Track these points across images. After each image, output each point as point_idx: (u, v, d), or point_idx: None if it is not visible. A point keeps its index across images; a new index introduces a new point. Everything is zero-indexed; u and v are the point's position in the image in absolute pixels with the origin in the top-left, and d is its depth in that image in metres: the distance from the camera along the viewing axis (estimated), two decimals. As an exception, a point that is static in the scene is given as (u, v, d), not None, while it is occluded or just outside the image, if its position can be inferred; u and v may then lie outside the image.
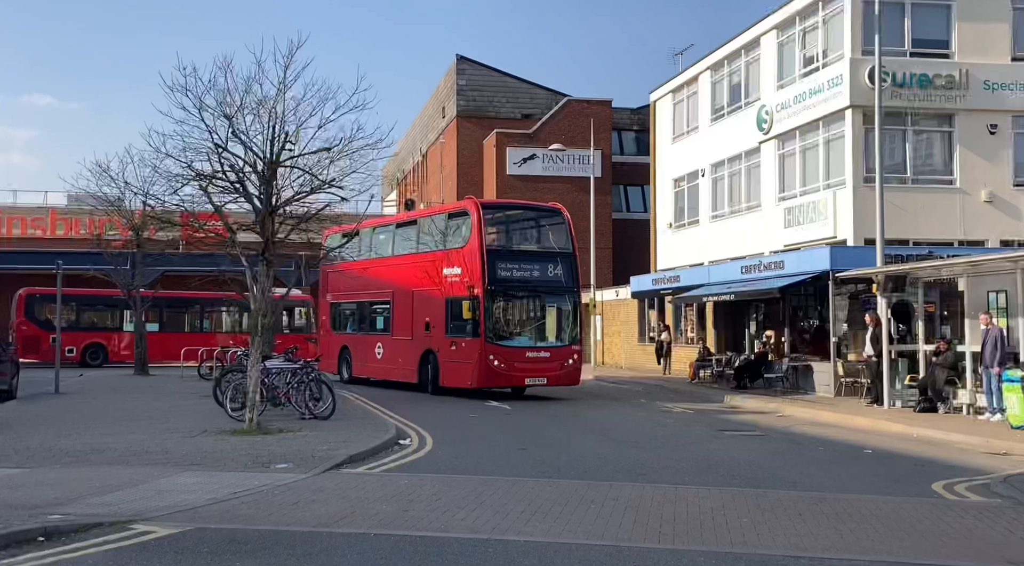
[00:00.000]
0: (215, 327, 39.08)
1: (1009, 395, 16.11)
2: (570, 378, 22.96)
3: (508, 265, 22.54)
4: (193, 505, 9.04)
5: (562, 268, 23.18)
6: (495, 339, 21.75)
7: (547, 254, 23.91)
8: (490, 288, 21.66)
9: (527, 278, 22.90)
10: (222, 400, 16.92)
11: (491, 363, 21.43)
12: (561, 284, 23.14)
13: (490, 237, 23.15)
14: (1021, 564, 7.40)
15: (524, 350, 22.30)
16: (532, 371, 22.11)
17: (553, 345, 22.99)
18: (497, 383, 22.12)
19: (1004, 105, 25.75)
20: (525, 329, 23.28)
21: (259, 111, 15.61)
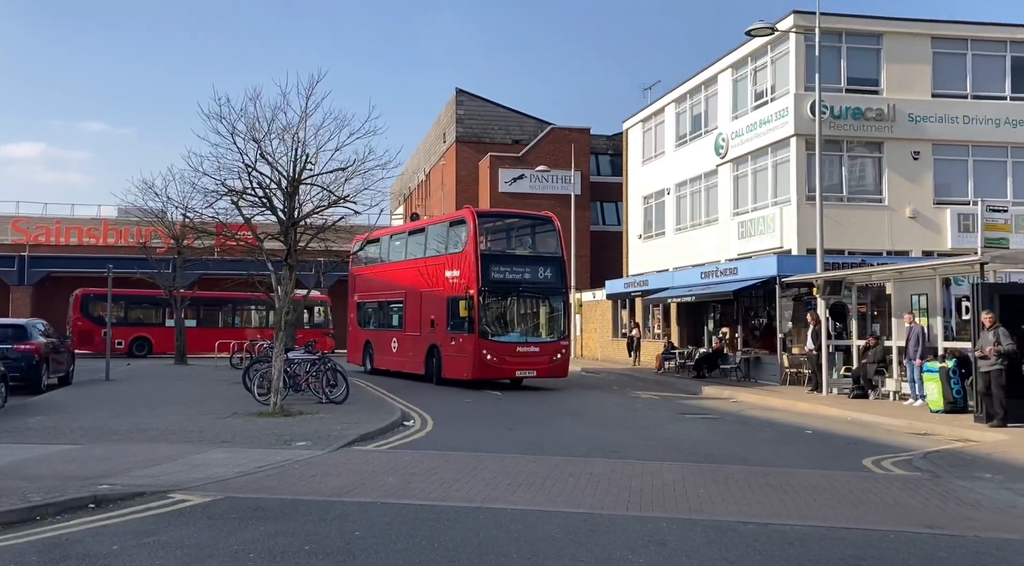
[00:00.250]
0: (245, 323, 38.85)
1: (929, 384, 16.13)
2: (558, 370, 22.23)
3: (501, 268, 21.72)
4: (223, 477, 9.00)
5: (552, 271, 22.36)
6: (488, 335, 21.10)
7: (538, 258, 22.83)
8: (483, 289, 20.99)
9: (519, 280, 21.90)
10: (250, 386, 16.80)
11: (484, 357, 20.82)
12: (551, 285, 22.28)
13: (485, 243, 22.42)
14: (937, 527, 7.40)
15: (515, 345, 21.51)
16: (523, 364, 21.48)
17: (542, 340, 22.13)
18: (491, 375, 21.35)
19: (926, 135, 25.81)
20: (517, 326, 22.32)
21: (284, 136, 15.54)
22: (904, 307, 18.29)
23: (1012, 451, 11.73)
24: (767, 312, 26.29)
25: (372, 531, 6.90)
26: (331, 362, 17.30)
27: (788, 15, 25.10)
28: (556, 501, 8.14)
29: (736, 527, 7.24)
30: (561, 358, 22.08)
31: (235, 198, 15.20)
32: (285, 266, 15.18)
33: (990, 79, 26.61)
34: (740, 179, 28.47)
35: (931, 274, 17.65)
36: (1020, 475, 9.97)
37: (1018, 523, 7.70)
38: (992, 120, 26.10)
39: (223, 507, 7.71)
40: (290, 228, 14.97)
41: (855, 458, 11.39)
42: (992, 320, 14.01)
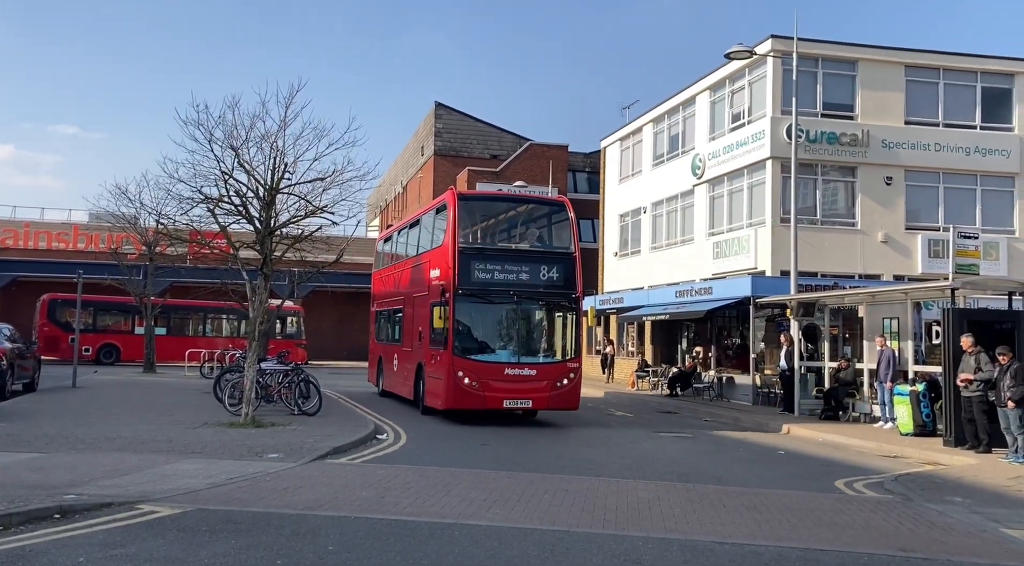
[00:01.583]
0: (216, 332, 38.44)
1: (899, 406, 16.30)
2: (563, 401, 17.04)
3: (488, 266, 16.96)
4: (194, 488, 8.84)
5: (559, 271, 17.33)
6: (466, 352, 16.55)
7: (541, 255, 17.93)
8: (460, 291, 16.42)
9: (512, 281, 16.97)
10: (221, 396, 16.61)
11: (460, 381, 16.22)
12: (556, 289, 17.29)
13: (469, 233, 18.16)
14: (910, 551, 7.44)
15: (502, 366, 16.56)
16: (513, 392, 16.54)
17: (541, 361, 17.10)
18: (469, 404, 16.48)
19: (899, 161, 26.22)
20: (507, 341, 17.23)
21: (262, 144, 15.44)
22: (876, 330, 18.50)
23: (981, 475, 11.87)
24: (740, 332, 26.49)
25: (345, 546, 6.80)
26: (304, 373, 17.13)
27: (766, 39, 25.44)
28: (531, 518, 8.08)
29: (712, 547, 7.23)
30: (568, 385, 17.03)
31: (211, 206, 15.02)
32: (260, 275, 15.02)
33: (961, 108, 27.11)
34: (716, 199, 28.70)
35: (903, 298, 17.88)
36: (989, 500, 10.08)
37: (988, 547, 7.76)
38: (963, 148, 26.58)
39: (193, 519, 7.56)
40: (267, 237, 14.83)
41: (827, 479, 11.45)
42: (972, 345, 14.13)
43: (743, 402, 23.31)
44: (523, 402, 16.73)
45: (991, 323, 15.15)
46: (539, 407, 17.03)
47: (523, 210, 19.59)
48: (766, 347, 24.29)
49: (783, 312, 21.90)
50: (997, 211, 26.97)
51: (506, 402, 16.55)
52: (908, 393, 16.10)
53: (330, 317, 44.58)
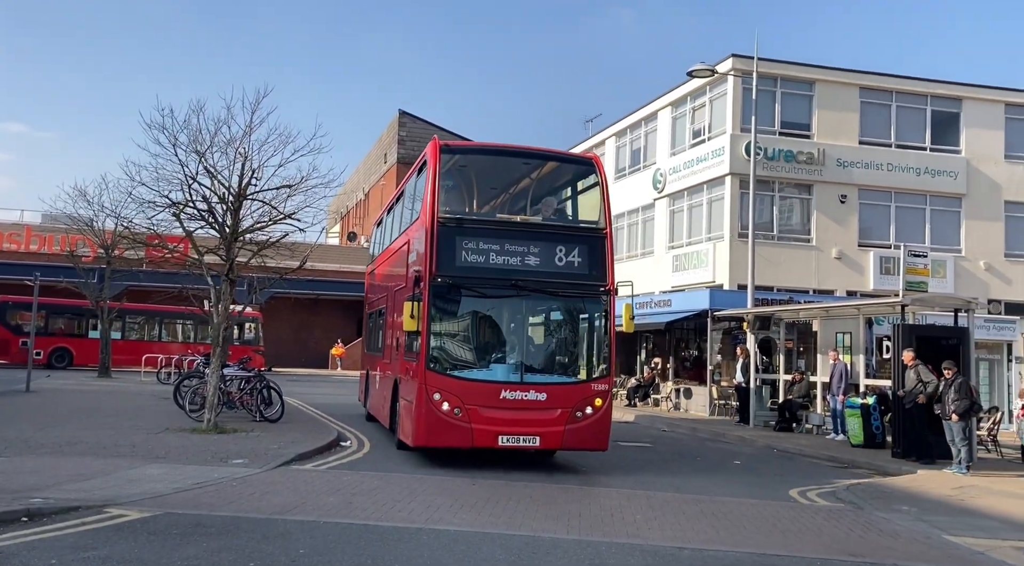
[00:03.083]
0: (172, 337, 37.95)
1: (851, 419, 16.81)
2: (584, 438, 11.88)
3: (481, 245, 11.98)
4: (160, 493, 8.86)
5: (583, 254, 12.34)
6: (444, 365, 11.68)
7: (559, 231, 12.69)
8: (438, 280, 11.58)
9: (515, 267, 11.94)
10: (182, 402, 16.52)
11: (436, 406, 11.42)
12: (578, 279, 12.27)
13: (455, 201, 13.65)
14: (860, 556, 7.78)
15: (498, 387, 11.58)
16: (513, 423, 11.53)
17: (555, 380, 12.00)
18: (448, 440, 11.61)
19: (853, 179, 27.01)
20: (503, 351, 12.16)
21: (227, 149, 15.45)
22: (829, 344, 19.03)
23: (926, 485, 12.36)
24: (698, 344, 26.96)
25: (316, 550, 6.92)
26: (266, 380, 17.10)
27: (727, 58, 26.05)
28: (498, 523, 8.26)
29: (673, 553, 7.48)
30: (593, 415, 11.90)
31: (176, 211, 14.98)
32: (225, 281, 15.01)
33: (912, 130, 28.06)
34: (676, 214, 29.23)
35: (855, 313, 18.44)
36: (933, 508, 10.53)
37: (932, 553, 8.14)
38: (914, 169, 27.49)
39: (163, 523, 7.61)
40: (232, 243, 14.84)
41: (782, 488, 11.81)
42: (912, 358, 14.74)
43: (700, 413, 23.74)
44: (528, 439, 11.55)
45: (938, 339, 15.74)
46: (550, 446, 11.80)
47: (536, 171, 13.93)
48: (723, 359, 24.78)
49: (740, 325, 22.38)
50: (945, 230, 27.93)
51: (503, 439, 11.48)
52: (859, 406, 16.61)
53: (289, 324, 44.27)
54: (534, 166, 13.88)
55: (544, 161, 13.85)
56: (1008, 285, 28.09)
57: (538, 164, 13.85)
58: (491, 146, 14.09)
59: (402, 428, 13.05)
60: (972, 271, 27.72)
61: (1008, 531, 9.34)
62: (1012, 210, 28.55)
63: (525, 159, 13.80)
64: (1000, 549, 8.40)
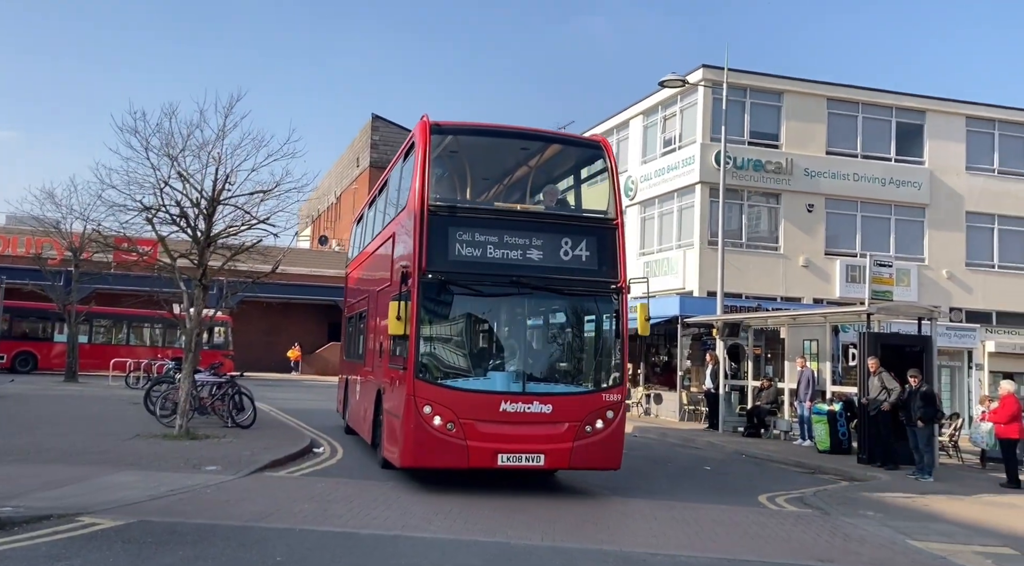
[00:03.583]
0: (141, 341, 37.49)
1: (817, 425, 17.09)
2: (595, 455, 10.57)
3: (477, 236, 10.66)
4: (134, 500, 8.80)
5: (592, 247, 11.10)
6: (435, 374, 10.36)
7: (565, 221, 11.37)
8: (429, 276, 10.27)
9: (516, 262, 10.69)
10: (152, 408, 16.37)
11: (426, 421, 10.06)
12: (586, 276, 11.02)
13: (447, 186, 12.71)
14: (828, 561, 7.96)
15: (497, 398, 10.29)
16: (514, 440, 10.24)
17: (561, 390, 10.72)
18: (441, 460, 10.22)
19: (820, 189, 27.45)
20: (502, 357, 10.91)
21: (200, 153, 15.36)
22: (796, 351, 19.33)
23: (891, 490, 12.63)
24: (668, 350, 27.22)
25: (294, 557, 6.94)
26: (238, 385, 16.99)
27: (698, 68, 26.38)
28: (473, 530, 8.33)
29: (645, 558, 7.60)
30: (604, 430, 10.61)
31: (150, 215, 14.86)
32: (198, 286, 14.91)
33: (878, 141, 28.60)
34: (647, 221, 29.51)
35: (822, 321, 18.76)
36: (898, 513, 10.78)
37: (897, 558, 8.33)
38: (879, 179, 28.02)
39: (137, 531, 7.57)
40: (206, 248, 14.75)
41: (751, 494, 11.99)
42: (876, 365, 15.06)
43: (670, 419, 23.96)
44: (531, 458, 10.25)
45: (902, 346, 16.08)
46: (557, 465, 10.53)
47: (538, 155, 12.60)
48: (692, 365, 25.03)
49: (709, 331, 22.65)
50: (909, 240, 28.48)
51: (502, 457, 10.14)
52: (826, 412, 16.89)
53: (259, 328, 43.89)
54: (536, 149, 12.48)
55: (547, 143, 12.50)
56: (969, 294, 28.72)
57: (540, 147, 12.46)
58: (488, 126, 12.34)
59: (386, 445, 11.50)
60: (935, 280, 28.30)
61: (969, 536, 9.59)
62: (973, 220, 29.21)
63: (526, 141, 12.28)
64: (962, 554, 8.64)
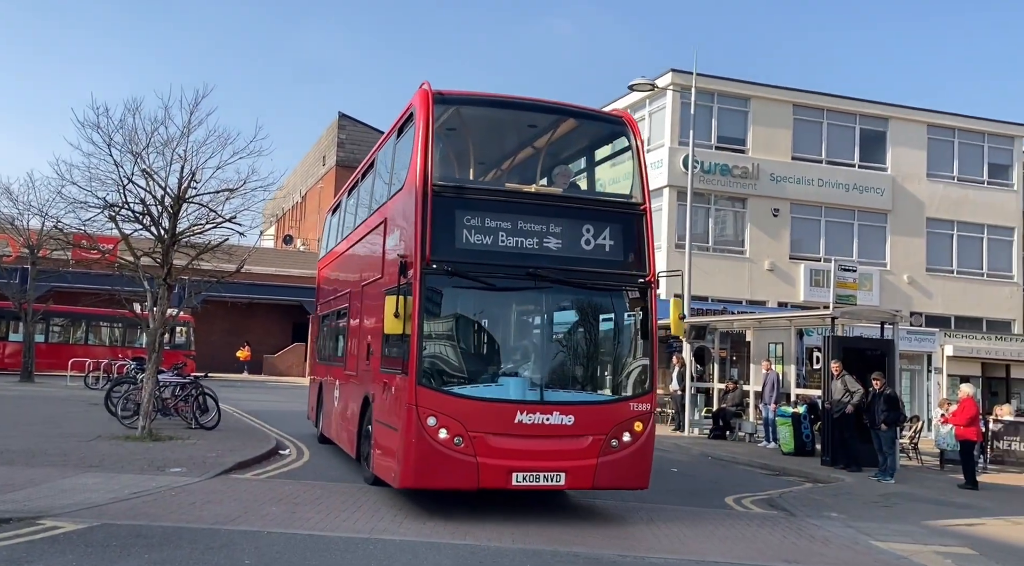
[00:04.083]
0: (100, 341, 36.84)
1: (782, 427, 17.33)
2: (621, 473, 9.38)
3: (487, 222, 9.34)
4: (97, 503, 8.66)
5: (617, 236, 9.86)
6: (440, 379, 9.09)
7: (586, 204, 10.19)
8: (433, 267, 8.93)
9: (532, 251, 9.39)
10: (114, 409, 16.10)
11: (431, 434, 8.73)
12: (611, 268, 9.81)
13: (451, 165, 11.26)
14: (794, 562, 8.09)
15: (511, 408, 8.96)
16: (530, 456, 8.92)
17: (583, 398, 9.44)
18: (447, 480, 8.94)
19: (785, 194, 27.86)
20: (516, 361, 9.68)
21: (164, 150, 15.15)
22: (762, 354, 19.59)
23: (854, 492, 12.87)
24: (634, 353, 27.36)
25: (262, 560, 6.88)
26: (202, 386, 16.78)
27: (666, 72, 26.63)
28: (443, 533, 8.32)
29: (615, 560, 7.66)
30: (632, 444, 9.39)
31: (112, 213, 14.63)
32: (163, 285, 14.70)
33: (842, 147, 29.12)
34: (615, 224, 29.62)
35: (787, 325, 19.04)
36: (861, 514, 10.97)
37: (860, 558, 8.49)
38: (843, 185, 28.51)
39: (101, 534, 7.45)
40: (170, 247, 14.55)
41: (718, 496, 12.13)
42: (839, 368, 15.33)
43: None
44: (550, 476, 8.95)
45: (864, 350, 16.38)
46: (579, 485, 9.23)
47: (551, 131, 11.20)
48: (658, 367, 25.17)
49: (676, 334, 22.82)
50: (871, 245, 29.02)
51: (517, 476, 8.85)
52: (790, 415, 17.14)
53: (221, 328, 43.37)
54: (549, 124, 11.08)
55: (564, 117, 10.88)
56: (929, 298, 29.33)
57: (555, 121, 10.99)
58: (496, 97, 10.70)
59: (378, 460, 10.06)
60: (896, 284, 28.85)
61: (929, 536, 9.80)
62: (933, 226, 29.86)
63: (539, 114, 10.86)
64: (922, 554, 8.83)
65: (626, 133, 10.48)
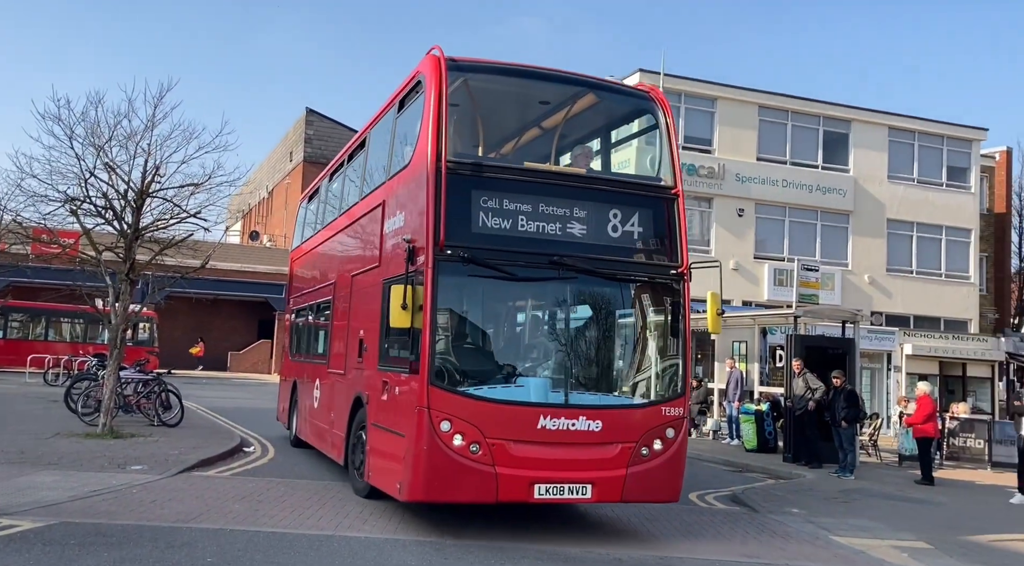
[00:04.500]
0: (60, 337, 36.17)
1: (745, 424, 17.54)
2: (651, 485, 8.47)
3: (507, 203, 8.38)
4: (55, 501, 8.52)
5: (647, 222, 9.04)
6: (455, 378, 8.12)
7: (614, 187, 9.11)
8: (447, 252, 7.90)
9: (555, 238, 8.47)
10: (74, 406, 15.84)
11: (445, 441, 7.75)
12: (642, 257, 9.00)
13: (464, 140, 10.40)
14: (755, 557, 8.20)
15: (534, 411, 8.00)
16: (554, 465, 8.01)
17: (610, 402, 8.50)
18: (464, 493, 7.92)
19: (750, 194, 28.16)
20: (537, 359, 8.83)
21: (127, 144, 14.94)
22: (726, 352, 19.79)
23: (815, 488, 13.05)
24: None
25: (225, 558, 6.82)
26: (165, 383, 16.57)
27: (634, 72, 26.79)
28: (408, 530, 8.31)
29: (580, 556, 7.71)
30: (663, 452, 8.48)
31: (74, 207, 14.37)
32: (125, 280, 14.48)
33: (805, 148, 29.50)
34: (582, 222, 29.74)
35: (751, 323, 19.26)
36: (821, 510, 11.14)
37: (820, 553, 8.63)
38: (806, 186, 28.89)
39: (59, 533, 7.33)
40: (133, 242, 14.34)
41: (682, 492, 12.17)
42: (800, 366, 15.55)
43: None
44: (576, 489, 8.08)
45: (826, 349, 16.62)
46: (607, 498, 8.31)
47: (568, 106, 10.19)
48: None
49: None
50: (833, 245, 29.45)
51: (540, 488, 7.93)
52: (753, 412, 17.35)
53: (185, 325, 42.81)
54: (568, 98, 10.05)
55: (585, 90, 9.86)
56: (889, 298, 29.84)
57: (575, 95, 9.96)
58: (512, 66, 9.39)
59: (374, 469, 9.14)
60: (857, 284, 29.31)
61: (886, 531, 9.98)
62: (893, 228, 30.37)
63: (560, 86, 9.83)
64: (879, 548, 9.00)
65: (653, 108, 9.59)
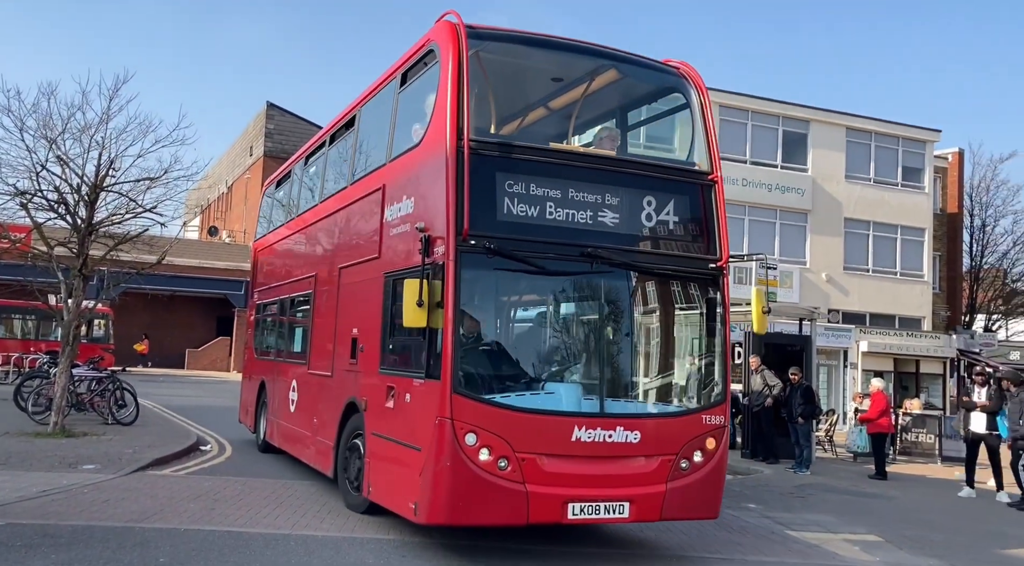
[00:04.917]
0: (10, 333, 35.26)
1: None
2: (690, 502, 7.60)
3: (533, 189, 7.32)
4: (1, 502, 8.30)
5: (683, 211, 8.12)
6: (478, 388, 7.03)
7: (649, 171, 8.09)
8: (471, 243, 6.89)
9: (586, 227, 7.47)
10: (24, 404, 15.48)
11: (470, 455, 6.73)
12: (678, 250, 8.07)
13: (484, 117, 9.01)
14: (712, 552, 8.30)
15: (568, 422, 7.06)
16: (589, 482, 7.07)
17: (651, 411, 7.80)
18: (490, 513, 6.89)
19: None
20: (571, 365, 7.78)
21: (81, 137, 14.64)
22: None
23: (772, 483, 13.26)
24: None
25: (178, 558, 6.72)
26: (119, 381, 16.27)
27: (597, 71, 26.89)
28: (366, 528, 8.25)
29: (544, 551, 7.76)
30: (703, 465, 7.63)
31: (24, 200, 14.05)
32: (78, 276, 14.19)
33: (765, 148, 29.87)
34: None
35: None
36: (777, 506, 11.33)
37: (775, 548, 8.77)
38: (765, 185, 29.25)
39: (5, 534, 7.15)
40: (87, 237, 14.06)
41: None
42: (758, 363, 15.75)
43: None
44: (612, 508, 7.22)
45: (784, 346, 16.86)
46: (645, 517, 7.47)
47: (589, 81, 9.10)
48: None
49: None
50: (792, 243, 29.86)
51: (574, 508, 7.05)
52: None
53: (142, 321, 42.09)
54: (591, 71, 8.89)
55: (610, 63, 8.71)
56: (846, 296, 30.35)
57: (600, 68, 8.82)
58: (531, 35, 8.42)
59: (378, 485, 8.16)
60: (815, 282, 29.77)
61: (839, 526, 10.18)
62: (851, 227, 30.88)
63: (584, 58, 8.68)
64: (832, 542, 9.19)
65: (684, 86, 8.64)
